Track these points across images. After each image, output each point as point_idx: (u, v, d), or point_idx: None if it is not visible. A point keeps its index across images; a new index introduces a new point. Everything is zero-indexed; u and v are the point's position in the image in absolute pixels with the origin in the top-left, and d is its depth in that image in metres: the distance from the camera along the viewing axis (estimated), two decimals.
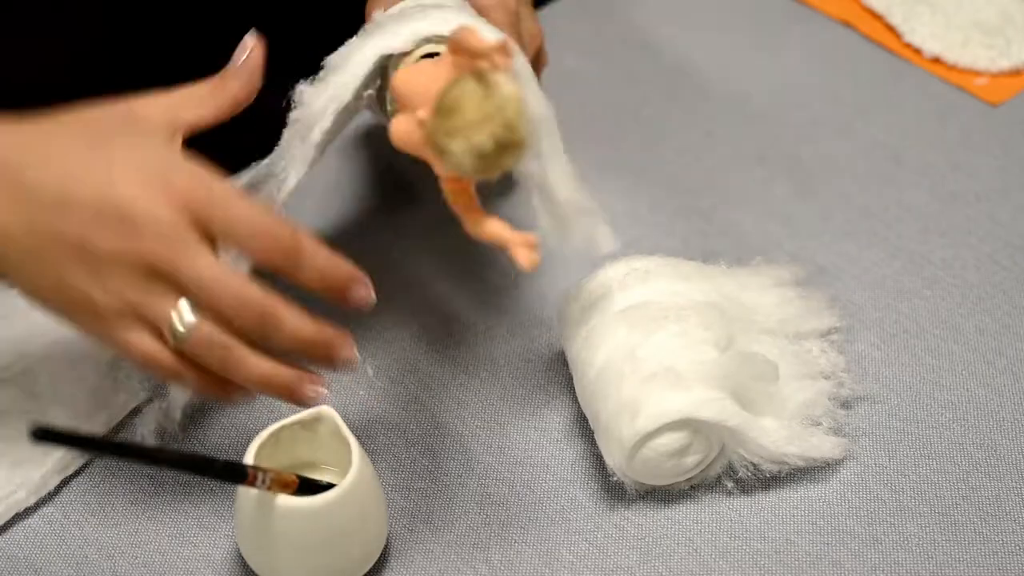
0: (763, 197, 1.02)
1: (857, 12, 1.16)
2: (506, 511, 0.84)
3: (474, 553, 0.82)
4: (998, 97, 1.08)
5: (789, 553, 0.81)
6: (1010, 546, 0.81)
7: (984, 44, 1.11)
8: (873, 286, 0.96)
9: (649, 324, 0.83)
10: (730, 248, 0.96)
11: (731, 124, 1.08)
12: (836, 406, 0.86)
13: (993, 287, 0.95)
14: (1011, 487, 0.84)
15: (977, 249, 0.98)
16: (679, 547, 0.82)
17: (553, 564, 0.82)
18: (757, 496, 0.84)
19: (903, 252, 0.98)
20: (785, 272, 0.92)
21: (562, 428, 0.88)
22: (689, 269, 0.88)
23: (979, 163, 1.04)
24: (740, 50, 1.14)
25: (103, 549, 0.83)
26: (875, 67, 1.12)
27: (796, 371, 0.86)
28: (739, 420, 0.80)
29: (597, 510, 0.84)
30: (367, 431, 0.88)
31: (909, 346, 0.92)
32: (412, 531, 0.83)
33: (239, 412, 0.89)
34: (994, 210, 1.00)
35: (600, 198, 1.02)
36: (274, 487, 0.75)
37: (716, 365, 0.81)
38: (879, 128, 1.07)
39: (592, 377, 0.83)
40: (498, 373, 0.91)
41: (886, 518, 0.83)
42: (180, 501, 0.85)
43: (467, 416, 0.89)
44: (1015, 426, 0.87)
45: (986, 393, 0.89)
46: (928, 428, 0.87)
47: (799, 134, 1.07)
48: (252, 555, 0.79)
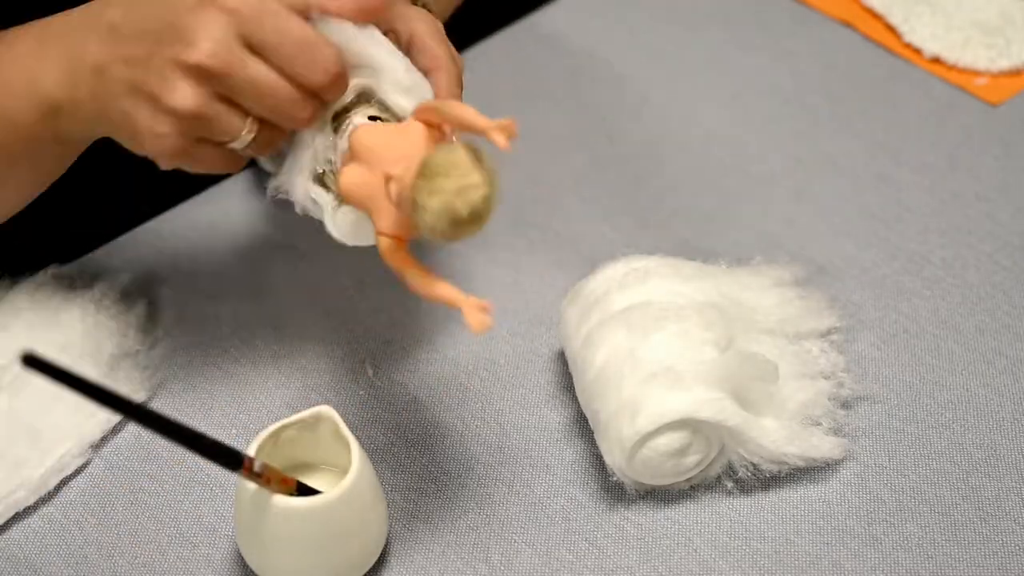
0: (763, 197, 1.02)
1: (857, 12, 1.16)
2: (506, 511, 0.84)
3: (474, 553, 0.82)
4: (998, 97, 1.08)
5: (789, 553, 0.82)
6: (1010, 546, 0.81)
7: (984, 44, 1.11)
8: (873, 286, 0.96)
9: (649, 324, 0.83)
10: (730, 248, 0.96)
11: (731, 124, 1.08)
12: (836, 406, 0.86)
13: (993, 287, 0.95)
14: (1011, 487, 0.84)
15: (977, 249, 0.98)
16: (679, 547, 0.82)
17: (553, 564, 0.82)
18: (757, 496, 0.84)
19: (903, 252, 0.98)
20: (785, 272, 0.92)
21: (562, 428, 0.88)
22: (689, 269, 0.88)
23: (979, 163, 1.04)
24: (740, 50, 1.14)
25: (103, 549, 0.83)
26: (875, 67, 1.12)
27: (796, 371, 0.86)
28: (739, 420, 0.80)
29: (597, 510, 0.84)
30: (367, 431, 0.88)
31: (909, 346, 0.92)
32: (412, 531, 0.83)
33: (239, 412, 0.89)
34: (994, 210, 1.00)
35: (600, 198, 1.03)
36: (272, 479, 0.74)
37: (716, 365, 0.81)
38: (879, 128, 1.07)
39: (592, 377, 0.83)
40: (498, 373, 0.91)
41: (886, 518, 0.83)
42: (180, 501, 0.85)
43: (467, 416, 0.89)
44: (1015, 426, 0.87)
45: (986, 393, 0.89)
46: (928, 428, 0.87)
47: (799, 134, 1.07)
48: (252, 555, 0.79)
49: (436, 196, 0.70)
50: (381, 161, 0.75)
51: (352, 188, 0.76)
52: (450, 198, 0.69)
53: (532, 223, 1.00)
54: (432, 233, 0.71)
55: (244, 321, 0.94)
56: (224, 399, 0.90)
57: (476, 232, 0.72)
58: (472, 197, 0.70)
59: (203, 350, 0.93)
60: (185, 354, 0.93)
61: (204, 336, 0.94)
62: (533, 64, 1.13)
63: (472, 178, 0.70)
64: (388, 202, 0.75)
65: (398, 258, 0.75)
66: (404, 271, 0.75)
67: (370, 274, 0.89)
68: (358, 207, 0.77)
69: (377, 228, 0.76)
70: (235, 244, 1.00)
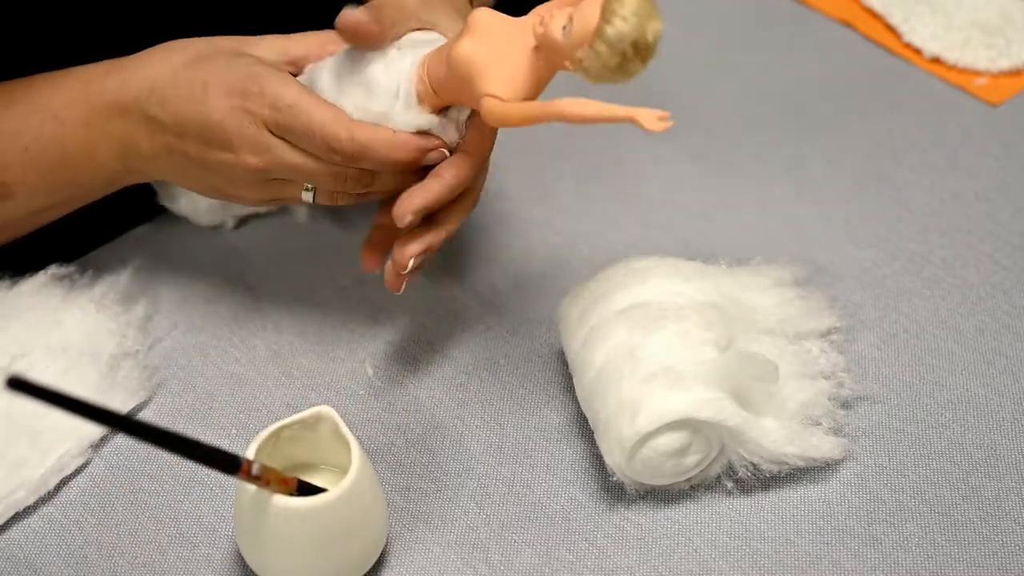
0: (763, 197, 1.02)
1: (857, 12, 1.16)
2: (506, 511, 0.84)
3: (474, 553, 0.82)
4: (998, 97, 1.08)
5: (789, 553, 0.82)
6: (1010, 546, 0.81)
7: (984, 44, 1.11)
8: (873, 286, 0.96)
9: (649, 324, 0.83)
10: (730, 248, 0.96)
11: (731, 124, 1.08)
12: (836, 406, 0.86)
13: (993, 287, 0.95)
14: (1011, 487, 0.84)
15: (977, 249, 0.98)
16: (679, 547, 0.82)
17: (553, 564, 0.82)
18: (757, 496, 0.84)
19: (903, 252, 0.98)
20: (785, 272, 0.92)
21: (562, 428, 0.88)
22: (689, 269, 0.88)
23: (979, 163, 1.04)
24: (740, 50, 1.14)
25: (103, 549, 0.83)
26: (875, 67, 1.12)
27: (796, 371, 0.86)
28: (739, 420, 0.80)
29: (597, 510, 0.84)
30: (367, 431, 0.88)
31: (909, 346, 0.92)
32: (412, 531, 0.83)
33: (239, 412, 0.89)
34: (994, 210, 1.00)
35: (600, 198, 1.03)
36: (273, 481, 0.74)
37: (716, 365, 0.81)
38: (879, 128, 1.07)
39: (592, 377, 0.83)
40: (498, 373, 0.91)
41: (886, 518, 0.83)
42: (180, 501, 0.85)
43: (467, 416, 0.89)
44: (1015, 426, 0.87)
45: (986, 393, 0.89)
46: (928, 428, 0.87)
47: (799, 134, 1.07)
48: (252, 555, 0.79)
49: (632, 13, 0.72)
50: (510, 31, 0.78)
51: (471, 52, 0.78)
52: (644, 21, 0.73)
53: (532, 223, 1.00)
54: (607, 53, 0.73)
55: (244, 321, 0.94)
56: (224, 399, 0.90)
57: (639, 71, 0.74)
58: (658, 29, 0.73)
59: (203, 350, 0.93)
60: (185, 354, 0.93)
61: (204, 336, 0.94)
62: None
63: (657, 20, 0.74)
64: (512, 66, 0.78)
65: (525, 107, 0.77)
66: (551, 105, 0.76)
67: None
68: (460, 75, 0.79)
69: (490, 91, 0.77)
70: (235, 244, 1.00)
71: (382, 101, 0.81)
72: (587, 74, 0.75)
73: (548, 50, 0.77)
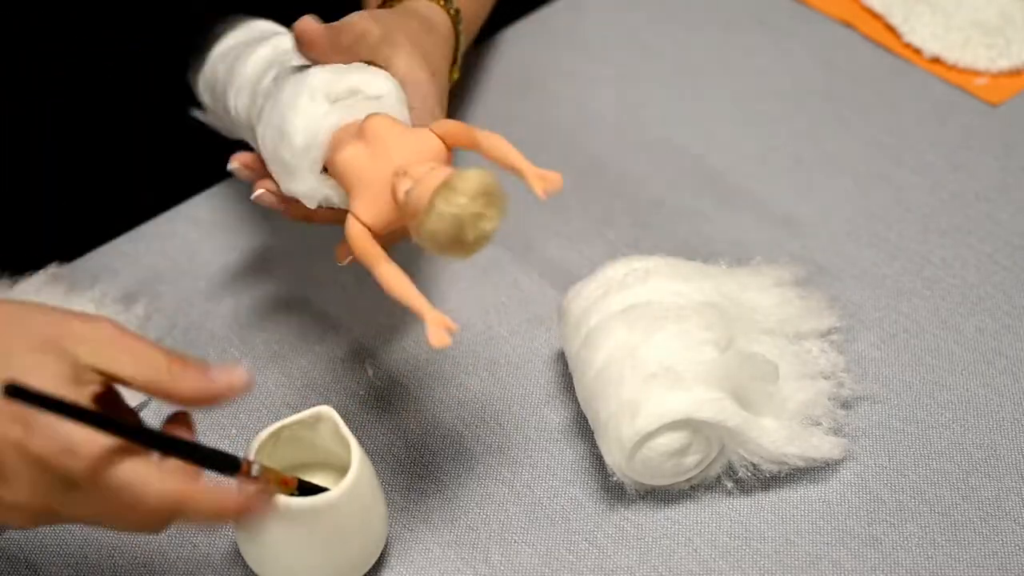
0: (763, 197, 1.02)
1: (857, 12, 1.16)
2: (506, 511, 0.84)
3: (474, 553, 0.82)
4: (998, 97, 1.08)
5: (789, 553, 0.82)
6: (1010, 546, 0.81)
7: (984, 44, 1.11)
8: (873, 286, 0.96)
9: (649, 324, 0.83)
10: (730, 248, 0.96)
11: (731, 124, 1.08)
12: (836, 406, 0.86)
13: (993, 287, 0.95)
14: (1011, 487, 0.84)
15: (977, 249, 0.98)
16: (679, 547, 0.82)
17: (553, 564, 0.82)
18: (757, 496, 0.84)
19: (903, 252, 0.98)
20: (785, 272, 0.92)
21: (562, 428, 0.88)
22: (689, 269, 0.88)
23: (979, 163, 1.04)
24: (740, 50, 1.14)
25: (103, 549, 0.83)
26: (875, 67, 1.12)
27: (796, 371, 0.86)
28: (739, 420, 0.80)
29: (597, 510, 0.84)
30: (367, 431, 0.88)
31: (909, 346, 0.92)
32: (412, 531, 0.83)
33: (239, 412, 0.89)
34: (994, 210, 1.00)
35: (600, 198, 1.03)
36: (272, 481, 0.74)
37: (716, 365, 0.81)
38: (879, 128, 1.07)
39: (592, 377, 0.83)
40: (498, 373, 0.91)
41: (886, 518, 0.83)
42: None
43: (467, 416, 0.89)
44: (1015, 426, 0.87)
45: (986, 393, 0.89)
46: (928, 428, 0.87)
47: (799, 134, 1.07)
48: (252, 555, 0.79)
49: (453, 209, 0.70)
50: (390, 153, 0.76)
51: (350, 164, 0.77)
52: (465, 218, 0.71)
53: (532, 223, 1.00)
54: (427, 238, 0.72)
55: (244, 321, 0.94)
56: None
57: (460, 258, 0.73)
58: (484, 227, 0.71)
59: (203, 350, 0.93)
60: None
61: (204, 336, 0.94)
62: (534, 63, 1.13)
63: (491, 211, 0.71)
64: (378, 191, 0.76)
65: (371, 247, 0.76)
66: (376, 263, 0.76)
67: (370, 274, 0.89)
68: (340, 182, 0.78)
69: (354, 210, 0.77)
70: (235, 244, 1.00)
71: (292, 154, 0.80)
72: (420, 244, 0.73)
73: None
